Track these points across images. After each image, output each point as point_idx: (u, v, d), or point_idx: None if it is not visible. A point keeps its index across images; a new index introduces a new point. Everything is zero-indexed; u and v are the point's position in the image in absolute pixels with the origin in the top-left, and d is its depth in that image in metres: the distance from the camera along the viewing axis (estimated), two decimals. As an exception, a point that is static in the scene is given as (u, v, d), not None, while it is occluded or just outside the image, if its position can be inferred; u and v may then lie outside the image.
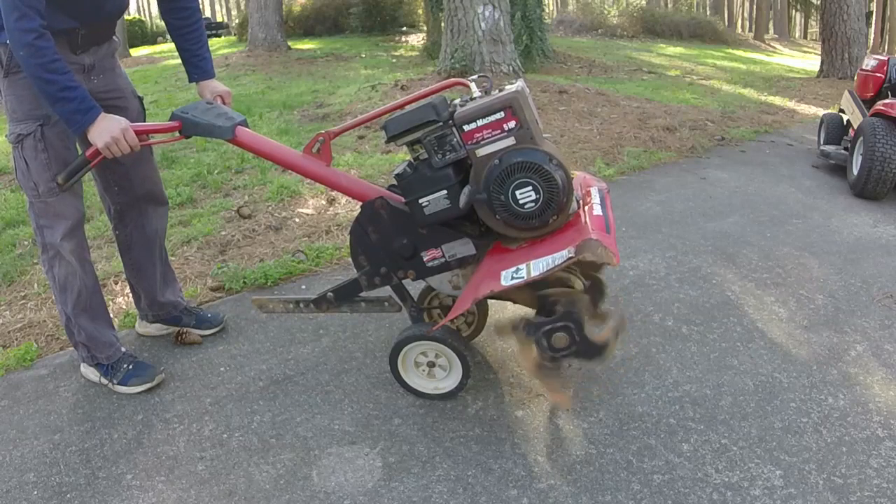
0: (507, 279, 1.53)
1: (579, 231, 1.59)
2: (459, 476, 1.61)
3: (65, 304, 1.93)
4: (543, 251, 1.57)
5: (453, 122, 1.60)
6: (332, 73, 9.04)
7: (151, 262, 2.17)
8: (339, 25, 15.68)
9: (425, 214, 1.69)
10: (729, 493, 1.54)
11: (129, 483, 1.64)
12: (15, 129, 1.77)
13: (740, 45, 19.41)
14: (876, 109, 3.90)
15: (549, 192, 1.57)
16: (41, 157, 1.77)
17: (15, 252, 3.09)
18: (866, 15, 11.03)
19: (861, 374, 2.00)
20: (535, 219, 1.60)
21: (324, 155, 1.82)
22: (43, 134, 1.75)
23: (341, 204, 3.58)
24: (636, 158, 4.47)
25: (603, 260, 1.47)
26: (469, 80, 1.79)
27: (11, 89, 1.75)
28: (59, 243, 1.84)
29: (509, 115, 1.56)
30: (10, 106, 1.77)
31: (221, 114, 1.82)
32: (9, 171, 4.45)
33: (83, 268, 1.92)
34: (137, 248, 2.14)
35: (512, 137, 1.57)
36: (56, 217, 1.83)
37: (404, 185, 1.69)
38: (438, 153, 1.63)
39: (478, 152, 1.60)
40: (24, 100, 1.74)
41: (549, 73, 8.56)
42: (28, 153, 1.77)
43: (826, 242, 3.08)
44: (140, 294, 2.23)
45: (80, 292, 1.92)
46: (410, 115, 1.61)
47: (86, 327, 1.96)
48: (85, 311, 1.95)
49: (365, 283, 1.87)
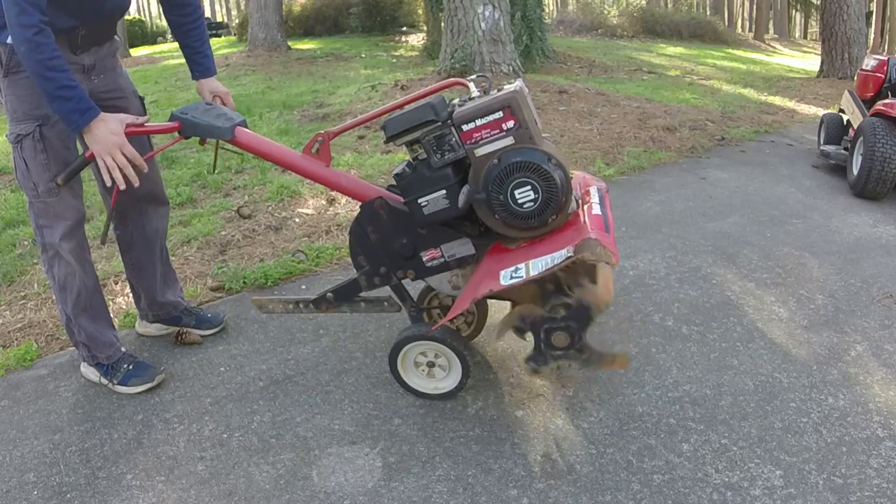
0: (506, 279, 1.52)
1: (578, 230, 1.58)
2: (459, 476, 1.61)
3: (65, 304, 1.93)
4: (542, 251, 1.57)
5: (452, 122, 1.60)
6: (332, 73, 9.04)
7: (152, 262, 2.17)
8: (339, 25, 15.68)
9: (424, 214, 1.69)
10: (729, 493, 1.54)
11: (129, 483, 1.64)
12: (15, 129, 1.77)
13: (740, 45, 19.41)
14: (876, 109, 3.90)
15: (547, 191, 1.57)
16: (40, 157, 1.76)
17: (15, 252, 3.10)
18: (866, 15, 11.03)
19: (861, 374, 2.00)
20: (534, 218, 1.60)
21: (323, 155, 1.82)
22: (42, 134, 1.75)
23: (341, 204, 3.58)
24: (636, 158, 4.47)
25: (602, 259, 1.45)
26: (468, 79, 1.79)
27: (12, 89, 1.74)
28: (59, 243, 1.84)
29: (508, 115, 1.56)
30: (11, 106, 1.76)
31: (221, 114, 1.82)
32: (9, 171, 4.46)
33: (83, 268, 1.92)
34: (138, 247, 2.14)
35: (511, 137, 1.57)
36: (55, 217, 1.83)
37: (403, 185, 1.69)
38: (437, 153, 1.63)
39: (476, 152, 1.60)
40: (25, 100, 1.74)
41: (549, 73, 8.56)
42: (27, 153, 1.76)
43: (826, 242, 3.08)
44: (140, 294, 2.23)
45: (79, 292, 1.92)
46: (409, 115, 1.61)
47: (86, 327, 1.96)
48: (85, 311, 1.95)
49: (364, 283, 1.87)
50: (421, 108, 1.61)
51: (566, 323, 1.56)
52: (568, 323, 1.56)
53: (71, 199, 1.84)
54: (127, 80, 1.99)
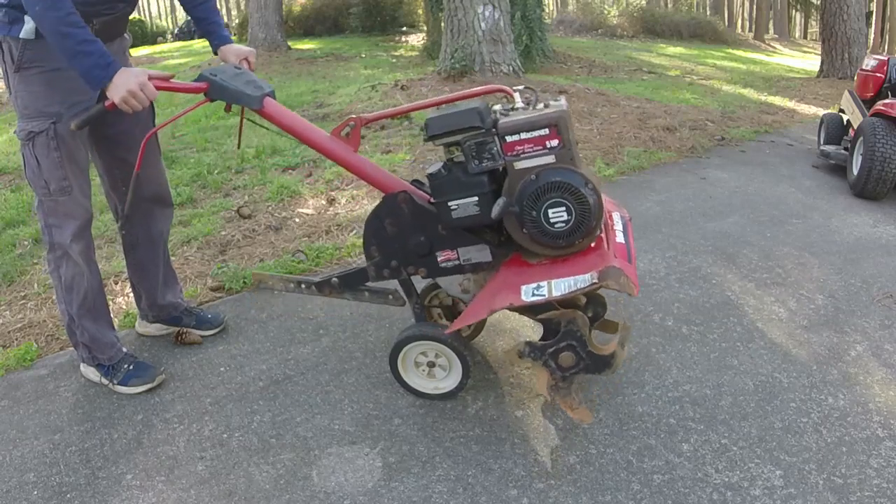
0: (527, 294, 1.54)
1: (602, 256, 1.60)
2: (459, 476, 1.61)
3: (69, 305, 1.93)
4: (565, 271, 1.58)
5: (496, 131, 1.58)
6: (332, 73, 9.04)
7: (155, 263, 2.17)
8: (339, 25, 15.67)
9: (452, 217, 1.67)
10: (729, 493, 1.54)
11: (129, 483, 1.64)
12: (26, 125, 1.73)
13: (740, 45, 19.41)
14: (876, 109, 3.90)
15: (581, 214, 1.56)
16: (53, 155, 1.74)
17: (15, 252, 3.09)
18: (866, 15, 11.03)
19: (861, 374, 2.00)
20: (562, 239, 1.59)
21: (352, 140, 1.77)
22: (56, 132, 1.73)
23: (341, 204, 3.58)
24: (636, 158, 4.47)
25: (624, 290, 1.50)
26: (514, 89, 1.76)
27: (24, 85, 1.72)
28: (69, 244, 1.83)
29: (553, 133, 1.55)
30: (22, 102, 1.74)
31: (250, 81, 1.74)
32: (9, 170, 4.46)
33: (90, 269, 1.91)
34: (142, 248, 2.13)
35: (552, 155, 1.56)
36: (66, 217, 1.82)
37: (436, 185, 1.66)
38: (476, 159, 1.61)
39: (516, 164, 1.58)
40: (38, 96, 1.71)
41: (549, 73, 8.57)
42: (40, 151, 1.73)
43: (826, 242, 3.08)
44: (141, 294, 2.22)
45: (86, 294, 1.92)
46: (454, 118, 1.58)
47: (89, 328, 1.96)
48: (89, 312, 1.95)
49: (373, 274, 1.85)
50: (467, 112, 1.58)
51: (568, 342, 1.63)
52: (570, 342, 1.63)
53: (81, 199, 1.83)
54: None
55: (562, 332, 1.63)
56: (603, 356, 1.64)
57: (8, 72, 1.74)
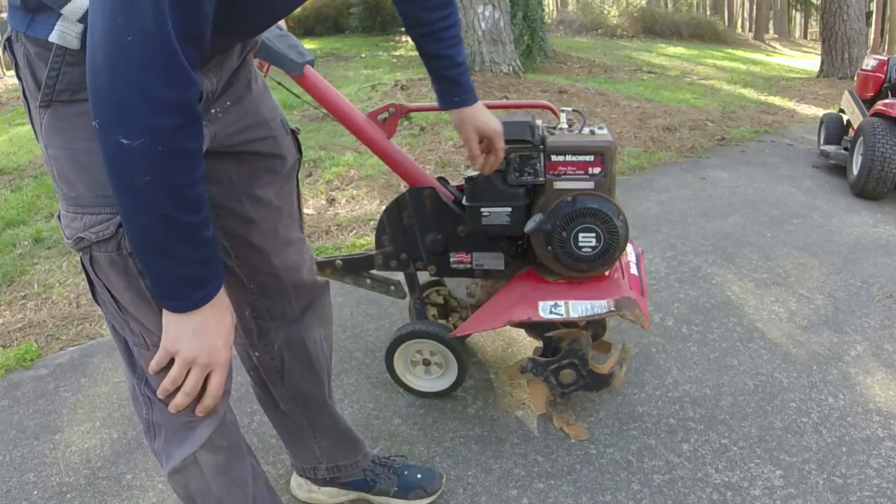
0: (545, 311, 1.58)
1: (618, 285, 1.65)
2: (459, 476, 1.61)
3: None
4: (582, 295, 1.61)
5: (543, 148, 1.59)
6: (332, 73, 9.04)
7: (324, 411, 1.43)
8: (339, 25, 15.67)
9: (482, 224, 1.67)
10: (729, 493, 1.54)
11: (129, 483, 1.64)
12: (75, 225, 0.90)
13: (740, 45, 19.40)
14: (876, 109, 3.90)
15: (609, 243, 1.59)
16: (133, 280, 0.91)
17: (15, 252, 3.09)
18: (866, 15, 11.04)
19: (861, 374, 2.00)
20: (585, 263, 1.61)
21: (389, 127, 1.74)
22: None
23: (341, 204, 3.58)
24: (636, 158, 4.47)
25: (637, 321, 1.58)
26: (561, 110, 1.77)
27: (64, 137, 0.88)
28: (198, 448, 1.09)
29: (598, 162, 1.57)
30: (61, 169, 0.89)
31: (294, 45, 1.64)
32: (9, 171, 4.32)
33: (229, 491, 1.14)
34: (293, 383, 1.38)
35: (592, 182, 1.59)
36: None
37: (473, 189, 1.65)
38: (517, 171, 1.61)
39: (555, 184, 1.60)
40: (92, 162, 0.85)
41: (549, 72, 8.57)
42: (105, 273, 0.92)
43: (826, 242, 3.08)
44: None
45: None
46: (506, 128, 1.56)
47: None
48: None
49: (380, 262, 1.85)
50: (519, 124, 1.59)
51: (570, 360, 1.70)
52: (572, 360, 1.70)
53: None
54: (271, 106, 1.16)
55: (565, 349, 1.68)
56: (602, 375, 1.72)
57: (30, 105, 0.90)
